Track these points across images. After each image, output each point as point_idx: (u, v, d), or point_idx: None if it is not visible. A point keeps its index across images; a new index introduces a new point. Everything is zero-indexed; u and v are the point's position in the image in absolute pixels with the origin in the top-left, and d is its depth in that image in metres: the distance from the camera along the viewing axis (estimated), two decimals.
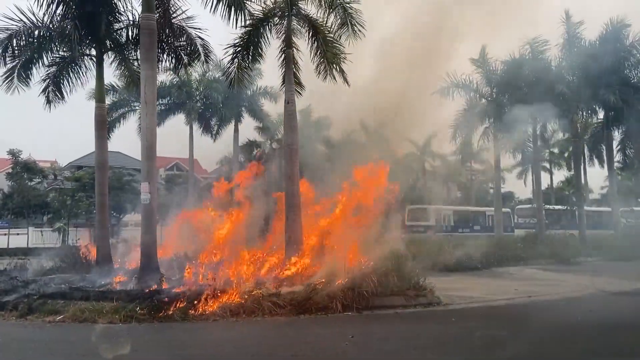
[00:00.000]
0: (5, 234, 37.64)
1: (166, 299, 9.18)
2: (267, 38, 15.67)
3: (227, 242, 13.33)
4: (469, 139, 27.30)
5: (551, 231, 29.78)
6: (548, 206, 37.60)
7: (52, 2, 12.96)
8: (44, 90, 14.98)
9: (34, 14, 13.40)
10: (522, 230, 34.52)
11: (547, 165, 48.73)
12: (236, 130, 31.63)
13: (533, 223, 31.02)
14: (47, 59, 14.37)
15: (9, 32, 13.35)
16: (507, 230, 32.77)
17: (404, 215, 40.25)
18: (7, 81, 13.93)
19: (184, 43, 14.84)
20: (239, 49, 15.09)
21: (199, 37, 14.88)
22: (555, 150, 47.56)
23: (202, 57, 15.32)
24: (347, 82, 15.86)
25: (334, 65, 15.72)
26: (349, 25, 14.89)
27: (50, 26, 13.62)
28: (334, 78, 15.55)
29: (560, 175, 51.62)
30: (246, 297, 9.34)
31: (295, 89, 15.47)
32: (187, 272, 11.30)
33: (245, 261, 11.96)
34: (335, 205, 13.42)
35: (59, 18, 13.39)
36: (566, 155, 45.83)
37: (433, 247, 18.83)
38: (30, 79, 14.22)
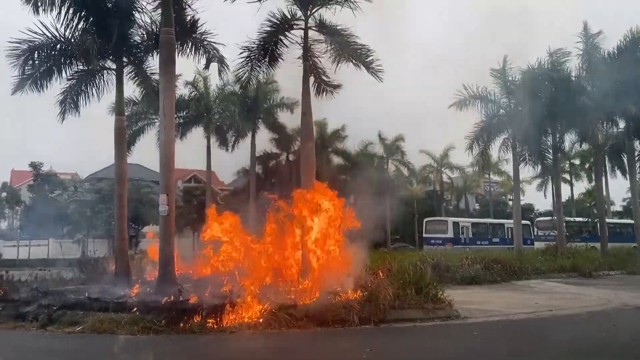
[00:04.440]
0: (26, 246, 38.30)
1: (184, 310, 9.20)
2: (281, 46, 15.89)
3: (243, 253, 13.33)
4: (487, 150, 27.04)
5: (572, 244, 29.23)
6: (568, 218, 36.92)
7: (74, 17, 13.23)
8: (61, 103, 15.22)
9: (56, 29, 13.71)
10: (542, 242, 33.93)
11: (568, 177, 48.07)
12: (253, 142, 31.84)
13: (553, 235, 30.47)
14: (66, 72, 14.62)
15: (32, 44, 13.64)
16: (526, 243, 32.25)
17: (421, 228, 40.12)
18: (20, 89, 14.17)
19: (202, 56, 15.07)
20: (254, 53, 15.32)
21: (216, 50, 15.10)
22: (576, 162, 46.90)
23: (219, 69, 15.56)
24: (379, 78, 16.14)
25: (357, 61, 16.00)
26: None
27: (72, 40, 13.90)
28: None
29: (581, 186, 50.90)
30: (263, 309, 9.31)
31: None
32: (205, 283, 11.30)
33: (262, 272, 11.94)
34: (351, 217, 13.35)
35: (80, 32, 13.65)
36: (587, 166, 45.16)
37: (451, 260, 18.60)
38: (45, 88, 14.44)
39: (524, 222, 31.72)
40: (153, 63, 15.40)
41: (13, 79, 13.51)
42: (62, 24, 13.27)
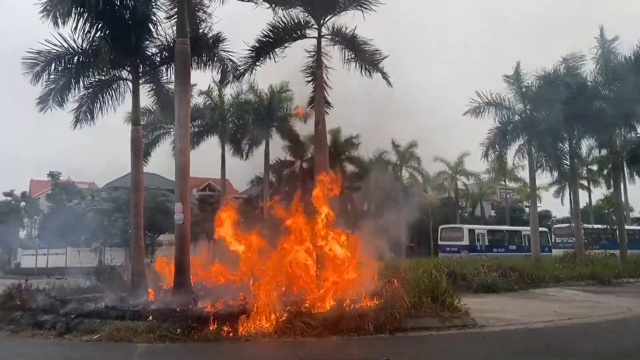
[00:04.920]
0: (44, 254, 38.83)
1: (199, 318, 9.23)
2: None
3: (258, 261, 13.34)
4: (502, 156, 26.81)
5: (590, 251, 28.78)
6: (587, 225, 36.39)
7: (91, 29, 13.45)
8: (76, 111, 15.47)
9: (74, 41, 13.95)
10: (560, 250, 33.46)
11: (585, 183, 47.40)
12: (267, 150, 32.02)
13: (571, 243, 30.04)
14: (83, 82, 14.87)
15: (50, 56, 13.90)
16: (544, 250, 31.84)
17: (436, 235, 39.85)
18: (42, 102, 14.46)
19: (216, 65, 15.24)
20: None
21: (230, 60, 15.27)
22: (594, 168, 46.24)
23: (232, 79, 15.73)
24: (389, 82, 16.22)
25: (369, 67, 16.14)
26: None
27: (89, 51, 14.14)
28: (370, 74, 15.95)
29: (599, 193, 50.13)
30: (278, 317, 9.30)
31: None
32: (220, 291, 11.34)
33: (276, 280, 11.93)
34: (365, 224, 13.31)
35: (96, 43, 13.88)
36: (605, 172, 44.49)
37: (467, 268, 18.41)
38: (65, 101, 14.73)
39: (541, 229, 31.32)
40: (168, 73, 15.63)
41: (29, 89, 13.78)
42: (78, 35, 13.53)
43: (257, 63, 16.56)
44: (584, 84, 24.75)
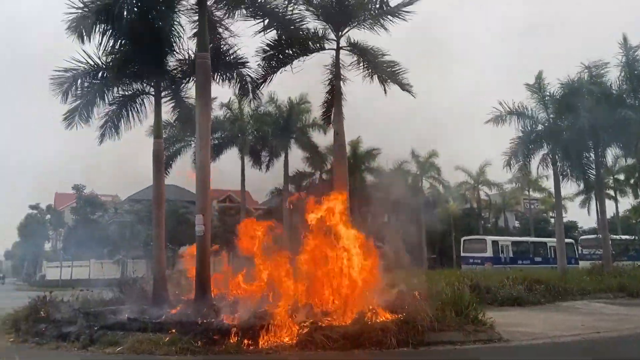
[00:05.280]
0: (68, 266, 39.46)
1: (220, 331, 9.21)
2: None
3: (279, 272, 13.31)
4: (526, 166, 26.38)
5: (619, 263, 28.00)
6: (614, 236, 35.51)
7: (115, 45, 13.74)
8: (102, 127, 15.78)
9: (99, 57, 14.29)
10: (587, 262, 32.68)
11: (612, 193, 46.34)
12: (286, 161, 32.13)
13: (599, 254, 29.32)
14: (107, 98, 15.18)
15: (76, 73, 14.22)
16: (571, 262, 31.12)
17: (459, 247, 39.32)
18: (68, 118, 14.78)
19: (236, 79, 15.39)
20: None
21: (249, 75, 15.42)
22: (620, 177, 45.20)
23: (251, 92, 15.86)
24: (412, 93, 16.28)
25: (387, 80, 16.17)
26: None
27: (113, 67, 14.43)
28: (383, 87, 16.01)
29: (626, 203, 48.89)
30: (299, 330, 9.22)
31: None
32: (240, 304, 11.31)
33: (297, 292, 11.86)
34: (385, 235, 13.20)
35: (120, 59, 14.15)
36: (632, 181, 43.43)
37: (491, 280, 18.05)
38: (91, 117, 15.04)
39: (567, 240, 30.65)
40: (190, 87, 15.86)
41: (53, 104, 14.10)
42: (102, 51, 13.83)
43: (275, 75, 16.69)
44: (608, 92, 24.29)
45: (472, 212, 50.13)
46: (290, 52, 16.54)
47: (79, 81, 14.35)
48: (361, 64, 17.07)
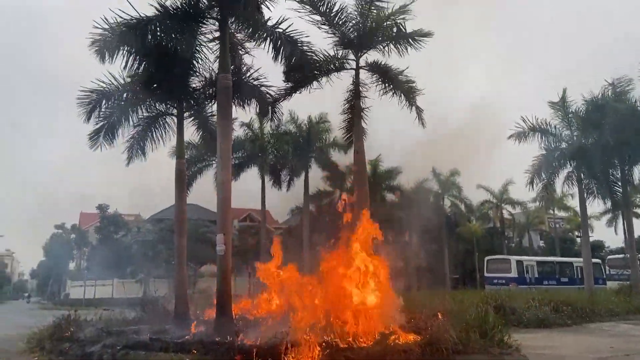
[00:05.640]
0: (92, 285, 39.92)
1: (241, 351, 9.16)
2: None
3: (299, 292, 13.24)
4: (550, 184, 25.93)
5: None
6: None
7: (139, 67, 14.07)
8: (128, 149, 16.09)
9: (123, 79, 14.64)
10: (615, 282, 31.77)
11: None
12: (306, 180, 32.16)
13: (627, 274, 28.49)
14: (131, 119, 15.51)
15: (101, 93, 14.56)
16: (598, 283, 30.29)
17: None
18: (93, 139, 15.10)
19: (256, 99, 15.57)
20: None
21: (269, 94, 15.58)
22: None
23: (271, 112, 16.02)
24: (422, 122, 16.27)
25: (410, 102, 16.28)
26: None
27: (137, 88, 14.75)
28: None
29: None
30: (320, 351, 9.10)
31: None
32: (261, 324, 11.25)
33: (318, 312, 11.75)
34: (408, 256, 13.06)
35: (144, 80, 14.47)
36: None
37: (516, 301, 17.64)
38: (115, 138, 15.36)
39: (594, 260, 29.90)
40: (212, 108, 16.06)
41: (71, 126, 14.46)
42: (127, 72, 14.17)
43: (295, 94, 16.88)
44: (633, 108, 23.87)
45: (495, 231, 49.32)
46: (311, 73, 16.70)
47: (104, 101, 14.67)
48: (380, 84, 17.18)
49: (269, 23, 13.34)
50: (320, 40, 16.02)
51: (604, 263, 38.44)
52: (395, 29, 16.12)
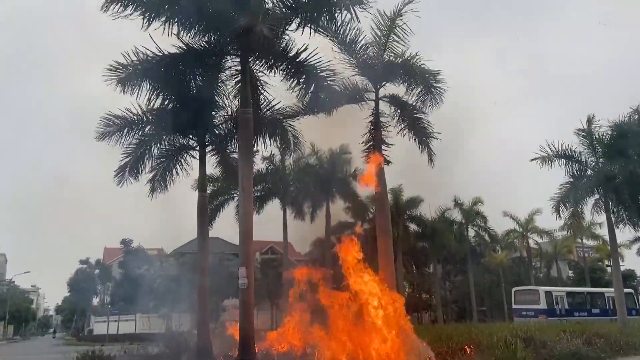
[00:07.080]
0: (115, 321, 39.98)
1: None
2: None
3: (322, 327, 13.03)
4: (578, 212, 25.30)
5: None
6: None
7: (163, 102, 14.41)
8: (151, 182, 16.30)
9: (144, 113, 14.92)
10: None
11: None
12: (327, 212, 32.05)
13: None
14: (154, 154, 15.81)
15: (123, 122, 14.83)
16: (631, 314, 29.08)
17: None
18: (119, 175, 15.37)
19: (277, 133, 15.73)
20: None
21: (291, 126, 15.74)
22: None
23: (292, 145, 16.15)
24: (432, 162, 16.15)
25: (423, 145, 16.12)
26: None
27: (157, 122, 15.04)
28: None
29: None
30: None
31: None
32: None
33: (343, 348, 11.51)
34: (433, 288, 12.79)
35: (166, 114, 14.75)
36: None
37: (547, 334, 17.02)
38: (140, 174, 15.63)
39: (626, 290, 28.80)
40: (233, 142, 16.26)
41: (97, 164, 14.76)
42: (149, 107, 14.48)
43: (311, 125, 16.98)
44: None
45: (521, 261, 48.08)
46: (331, 103, 16.83)
47: (126, 130, 14.88)
48: (399, 117, 17.27)
49: (290, 54, 13.53)
50: (339, 69, 16.20)
51: (636, 293, 37.02)
52: (410, 69, 16.22)
